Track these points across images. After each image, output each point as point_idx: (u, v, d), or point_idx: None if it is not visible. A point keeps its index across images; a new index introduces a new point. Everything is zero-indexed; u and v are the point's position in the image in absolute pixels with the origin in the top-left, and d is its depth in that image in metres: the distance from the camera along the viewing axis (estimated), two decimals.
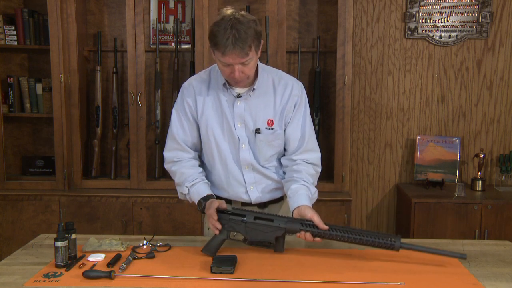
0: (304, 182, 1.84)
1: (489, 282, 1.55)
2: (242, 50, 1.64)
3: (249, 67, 1.73)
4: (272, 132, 1.86)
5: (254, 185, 1.90)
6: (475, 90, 3.39)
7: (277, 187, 1.95)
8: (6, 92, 3.19)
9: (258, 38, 1.70)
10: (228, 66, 1.70)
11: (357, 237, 1.68)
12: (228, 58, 1.66)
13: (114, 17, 3.35)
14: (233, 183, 1.90)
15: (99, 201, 3.07)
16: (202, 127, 1.88)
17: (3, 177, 3.14)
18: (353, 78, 3.31)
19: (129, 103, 3.10)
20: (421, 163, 3.34)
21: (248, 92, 1.84)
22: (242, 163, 1.88)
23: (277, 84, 1.88)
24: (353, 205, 3.46)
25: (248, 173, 1.89)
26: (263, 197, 1.93)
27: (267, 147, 1.87)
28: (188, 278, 1.55)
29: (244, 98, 1.84)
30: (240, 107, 1.84)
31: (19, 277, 1.57)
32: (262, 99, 1.86)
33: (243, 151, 1.87)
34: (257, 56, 1.75)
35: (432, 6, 3.32)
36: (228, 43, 1.62)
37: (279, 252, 1.74)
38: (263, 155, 1.88)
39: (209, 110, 1.86)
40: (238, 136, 1.85)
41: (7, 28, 3.15)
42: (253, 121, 1.85)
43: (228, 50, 1.63)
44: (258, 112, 1.85)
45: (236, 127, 1.85)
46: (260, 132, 1.85)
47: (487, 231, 2.99)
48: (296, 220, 1.74)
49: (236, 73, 1.70)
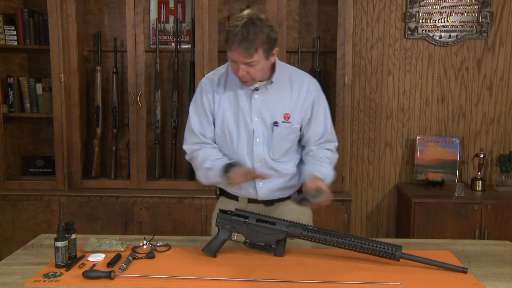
0: (318, 162, 1.89)
1: (489, 282, 1.55)
2: (246, 50, 1.69)
3: (255, 69, 1.75)
4: (289, 126, 1.88)
5: (263, 182, 1.90)
6: (475, 90, 3.39)
7: (286, 186, 1.95)
8: (6, 92, 3.19)
9: (269, 43, 1.73)
10: (234, 62, 1.75)
11: (358, 244, 1.68)
12: (233, 54, 1.72)
13: (114, 17, 3.35)
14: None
15: (99, 201, 3.07)
16: (218, 121, 1.90)
17: (3, 177, 3.15)
18: (353, 78, 3.30)
19: (129, 103, 3.11)
20: (421, 163, 3.34)
21: (266, 86, 1.87)
22: (255, 157, 1.89)
23: (294, 80, 1.92)
24: (353, 205, 3.46)
25: (260, 168, 1.89)
26: (270, 195, 1.93)
27: (283, 140, 1.90)
28: (188, 278, 1.55)
29: (262, 92, 1.87)
30: (258, 100, 1.87)
31: (19, 277, 1.57)
32: (279, 93, 1.89)
33: (257, 145, 1.88)
34: (267, 61, 1.77)
35: (432, 6, 3.32)
36: (235, 40, 1.68)
37: (279, 256, 1.74)
38: (279, 148, 1.90)
39: (226, 103, 1.89)
40: (253, 129, 1.87)
41: (7, 28, 3.15)
42: (270, 115, 1.87)
43: (233, 47, 1.70)
44: (275, 106, 1.88)
45: (253, 120, 1.87)
46: (277, 125, 1.87)
47: (487, 231, 2.99)
48: (298, 224, 1.75)
49: (240, 71, 1.74)
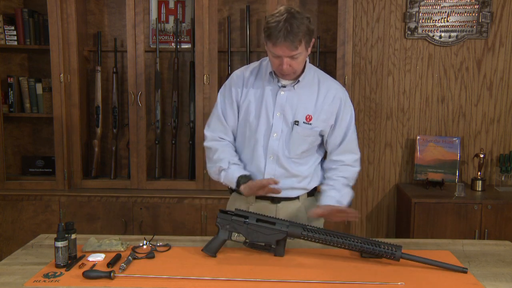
0: (331, 186, 1.93)
1: (489, 282, 1.55)
2: (292, 43, 1.72)
3: (298, 61, 1.79)
4: (309, 127, 1.90)
5: (272, 177, 1.91)
6: (475, 90, 3.39)
7: (295, 187, 1.96)
8: (6, 92, 3.19)
9: (309, 35, 1.78)
10: (277, 57, 1.78)
11: (358, 244, 1.69)
12: (278, 49, 1.74)
13: (114, 17, 3.35)
14: (253, 171, 1.93)
15: (99, 201, 3.07)
16: (241, 112, 1.94)
17: (3, 177, 3.15)
18: (353, 78, 3.30)
19: (129, 103, 3.11)
20: (421, 163, 3.34)
21: (293, 84, 1.89)
22: (269, 151, 1.90)
23: (322, 84, 1.94)
24: (353, 205, 3.46)
25: (271, 163, 1.91)
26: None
27: (301, 141, 1.91)
28: (188, 278, 1.55)
29: (288, 89, 1.90)
30: (283, 97, 1.89)
31: (19, 277, 1.57)
32: (305, 93, 1.91)
33: (273, 139, 1.90)
34: (307, 53, 1.83)
35: (432, 6, 3.32)
36: (280, 35, 1.71)
37: (279, 256, 1.74)
38: (295, 148, 1.91)
39: (252, 96, 1.93)
40: (272, 124, 1.89)
41: (7, 28, 3.15)
42: (292, 113, 1.90)
43: (279, 42, 1.72)
44: (299, 105, 1.90)
45: (275, 116, 1.89)
46: (298, 125, 1.89)
47: (487, 231, 2.99)
48: (298, 224, 1.75)
49: (284, 65, 1.78)
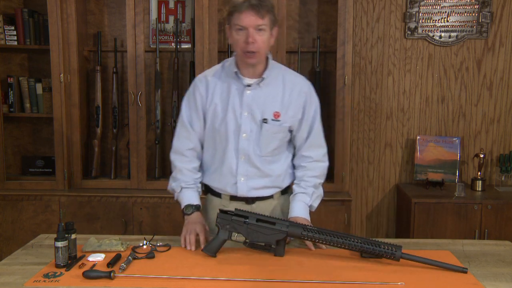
0: (304, 188, 1.96)
1: (489, 282, 1.55)
2: (258, 12, 1.75)
3: (262, 38, 1.79)
4: (278, 124, 1.90)
5: (245, 178, 1.92)
6: (475, 90, 3.39)
7: (268, 186, 1.97)
8: (6, 92, 3.19)
9: (274, 15, 1.82)
10: (243, 31, 1.78)
11: (358, 244, 1.69)
12: (244, 17, 1.76)
13: (114, 17, 3.35)
14: (226, 173, 1.93)
15: (99, 201, 3.07)
16: (209, 115, 1.93)
17: (3, 177, 3.14)
18: (353, 78, 3.30)
19: (129, 103, 3.11)
20: (421, 163, 3.34)
21: (258, 82, 1.89)
22: (240, 152, 1.91)
23: (287, 79, 1.94)
24: (353, 205, 3.46)
25: (243, 164, 1.92)
26: (249, 192, 1.94)
27: (271, 138, 1.91)
28: (188, 278, 1.55)
29: (253, 88, 1.89)
30: (249, 96, 1.89)
31: (19, 277, 1.57)
32: (271, 91, 1.91)
33: (242, 140, 1.90)
34: (271, 35, 1.84)
35: (432, 6, 3.32)
36: (245, 4, 1.76)
37: (279, 256, 1.74)
38: (266, 146, 1.92)
39: (217, 99, 1.92)
40: (241, 124, 1.89)
41: (7, 28, 3.15)
42: (260, 111, 1.89)
43: (244, 9, 1.75)
44: (266, 103, 1.90)
45: (242, 116, 1.89)
46: (267, 122, 1.89)
47: (487, 231, 2.99)
48: (298, 224, 1.75)
49: (250, 37, 1.77)
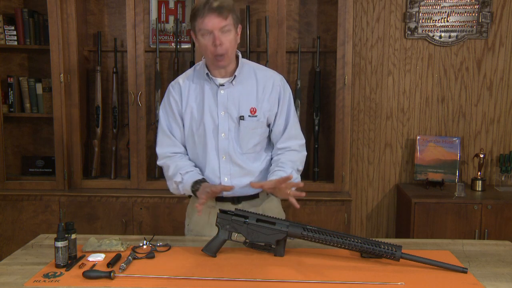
0: (281, 167, 1.90)
1: (489, 282, 1.55)
2: (220, 13, 1.76)
3: (229, 39, 1.80)
4: (256, 119, 1.91)
5: (228, 177, 1.93)
6: (475, 90, 3.39)
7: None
8: (6, 92, 3.19)
9: (236, 14, 1.83)
10: (208, 34, 1.78)
11: (358, 244, 1.69)
12: (207, 21, 1.76)
13: (114, 17, 3.35)
14: (209, 174, 1.94)
15: (99, 201, 3.07)
16: (186, 119, 1.94)
17: (3, 177, 3.14)
18: (353, 78, 3.30)
19: (129, 103, 3.11)
20: (421, 163, 3.34)
21: (230, 81, 1.90)
22: (221, 152, 1.92)
23: (259, 75, 1.95)
24: (353, 205, 3.46)
25: (225, 163, 1.92)
26: (235, 192, 1.92)
27: (250, 134, 1.92)
28: (188, 278, 1.55)
29: (227, 87, 1.91)
30: (223, 95, 1.90)
31: (19, 277, 1.57)
32: (244, 88, 1.92)
33: (222, 140, 1.91)
34: (236, 34, 1.85)
35: (432, 6, 3.32)
36: (206, 7, 1.76)
37: (279, 256, 1.74)
38: (246, 143, 1.93)
39: (193, 102, 1.93)
40: (218, 124, 1.90)
41: (7, 28, 3.15)
42: (236, 109, 1.91)
43: (205, 13, 1.76)
44: (241, 100, 1.91)
45: (219, 115, 1.90)
46: (244, 119, 1.90)
47: (487, 231, 2.99)
48: (298, 224, 1.75)
49: (217, 40, 1.77)
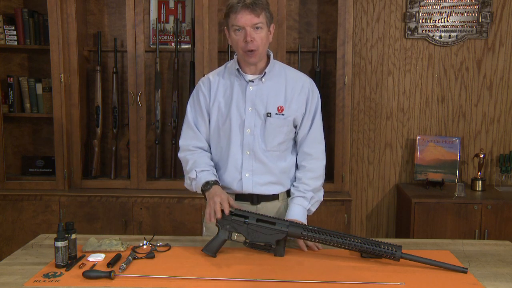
0: (303, 192, 1.95)
1: (489, 282, 1.55)
2: (253, 10, 1.80)
3: (260, 36, 1.83)
4: (283, 117, 1.92)
5: (250, 173, 1.93)
6: (475, 90, 3.39)
7: (272, 182, 1.96)
8: (6, 92, 3.19)
9: (269, 12, 1.86)
10: (240, 31, 1.82)
11: (358, 244, 1.69)
12: (240, 17, 1.80)
13: (114, 17, 3.35)
14: (231, 169, 1.94)
15: (99, 201, 3.07)
16: (213, 114, 1.96)
17: (3, 177, 3.14)
18: (353, 78, 3.30)
19: (129, 103, 3.11)
20: (421, 163, 3.34)
21: (260, 78, 1.92)
22: (245, 147, 1.92)
23: (289, 75, 1.98)
24: (353, 205, 3.46)
25: (248, 159, 1.93)
26: (254, 188, 1.93)
27: (276, 132, 1.93)
28: (188, 278, 1.55)
29: (256, 84, 1.93)
30: (252, 91, 1.92)
31: (19, 277, 1.57)
32: (274, 85, 1.94)
33: (247, 135, 1.92)
34: (268, 33, 1.88)
35: (432, 6, 3.32)
36: (240, 4, 1.80)
37: (279, 256, 1.74)
38: (271, 140, 1.93)
39: (221, 97, 1.95)
40: (245, 119, 1.91)
41: (7, 28, 3.15)
42: (264, 106, 1.92)
43: (239, 9, 1.79)
44: (269, 98, 1.92)
45: (246, 111, 1.92)
46: (270, 116, 1.91)
47: (487, 231, 2.99)
48: (298, 224, 1.75)
49: (248, 37, 1.81)
